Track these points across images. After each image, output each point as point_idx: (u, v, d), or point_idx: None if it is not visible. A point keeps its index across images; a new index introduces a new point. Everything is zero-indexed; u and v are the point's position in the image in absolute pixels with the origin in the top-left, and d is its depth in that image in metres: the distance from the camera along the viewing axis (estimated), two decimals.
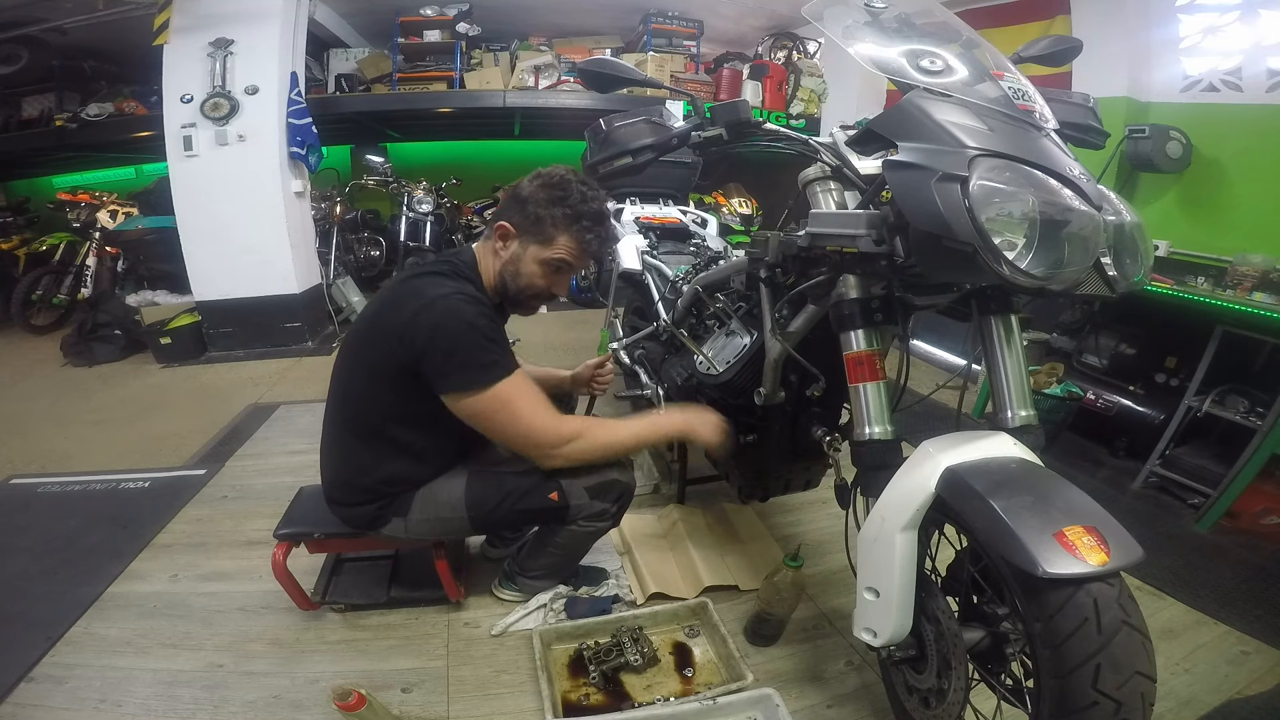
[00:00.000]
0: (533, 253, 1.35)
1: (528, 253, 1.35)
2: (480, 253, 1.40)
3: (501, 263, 1.37)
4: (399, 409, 1.34)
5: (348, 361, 1.40)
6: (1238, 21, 2.55)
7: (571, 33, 5.06)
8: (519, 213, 1.33)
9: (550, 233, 1.33)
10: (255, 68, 3.56)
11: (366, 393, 1.35)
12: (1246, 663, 1.51)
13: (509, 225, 1.34)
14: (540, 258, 1.35)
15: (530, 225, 1.33)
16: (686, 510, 2.05)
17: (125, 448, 2.67)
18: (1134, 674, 0.80)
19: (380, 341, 1.29)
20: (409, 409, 1.33)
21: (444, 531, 1.49)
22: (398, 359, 1.25)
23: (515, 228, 1.34)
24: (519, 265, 1.36)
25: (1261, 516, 2.07)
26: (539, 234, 1.33)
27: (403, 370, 1.26)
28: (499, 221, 1.35)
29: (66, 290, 4.37)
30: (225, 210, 3.71)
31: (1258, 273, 2.23)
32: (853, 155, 1.16)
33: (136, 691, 1.38)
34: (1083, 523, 0.84)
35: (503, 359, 1.28)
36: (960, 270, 0.91)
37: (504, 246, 1.36)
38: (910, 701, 1.17)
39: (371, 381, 1.33)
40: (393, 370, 1.27)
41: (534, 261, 1.35)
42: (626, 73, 1.32)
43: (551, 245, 1.34)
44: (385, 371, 1.29)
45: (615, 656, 1.41)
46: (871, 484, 1.11)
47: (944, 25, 1.21)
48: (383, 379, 1.31)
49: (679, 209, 2.82)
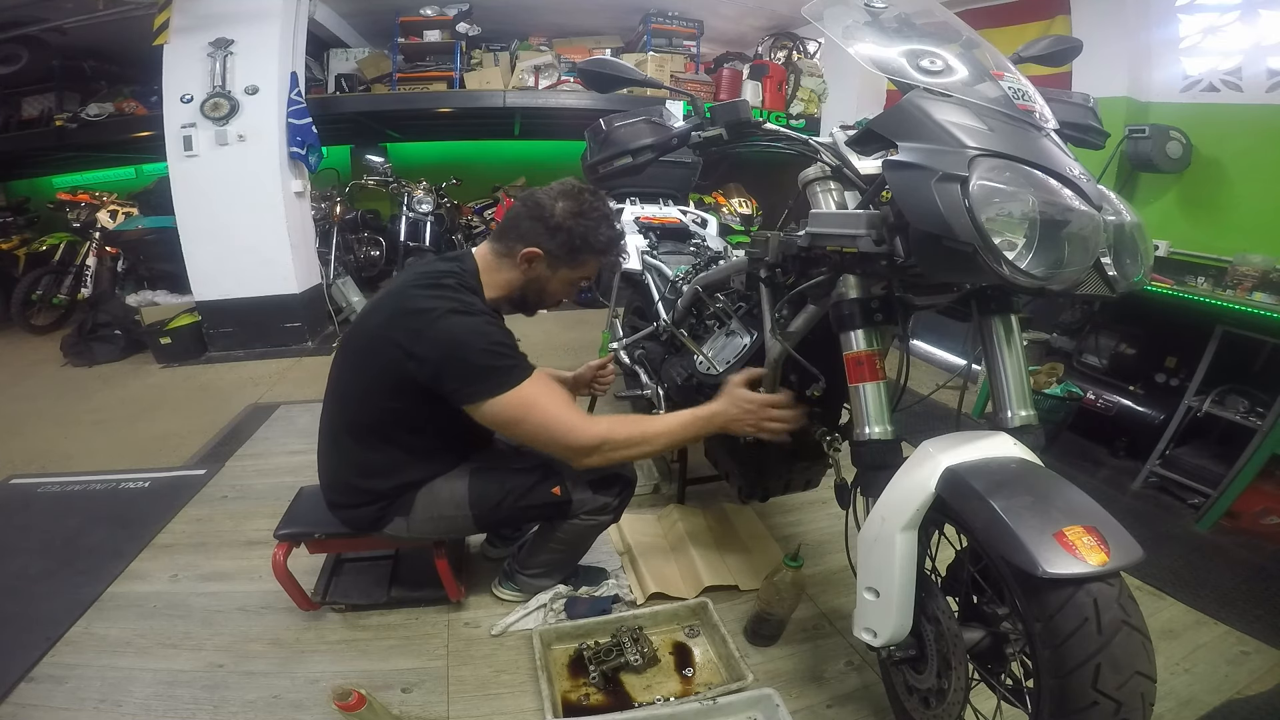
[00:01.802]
0: (563, 275, 1.40)
1: (557, 275, 1.40)
2: (484, 261, 1.39)
3: (525, 281, 1.39)
4: (398, 414, 1.33)
5: (346, 367, 1.39)
6: (1238, 21, 2.55)
7: (571, 33, 5.06)
8: (550, 239, 1.34)
9: (583, 259, 1.39)
10: (255, 68, 3.56)
11: (365, 398, 1.34)
12: (1246, 663, 1.51)
13: (540, 251, 1.35)
14: (570, 279, 1.42)
15: (563, 252, 1.36)
16: (686, 510, 2.05)
17: (125, 448, 2.67)
18: (1134, 674, 0.80)
19: (382, 351, 1.28)
20: (408, 413, 1.33)
21: (447, 530, 1.49)
22: (408, 375, 1.25)
23: (547, 253, 1.35)
24: (546, 285, 1.41)
25: (1261, 516, 2.07)
26: (571, 260, 1.38)
27: (410, 384, 1.26)
28: (530, 248, 1.34)
29: (66, 290, 4.37)
30: (225, 210, 3.71)
31: (1258, 273, 2.23)
32: (853, 155, 1.15)
33: (136, 691, 1.38)
34: (1083, 523, 0.84)
35: (520, 362, 1.28)
36: (960, 270, 0.91)
37: (530, 268, 1.37)
38: (910, 701, 1.17)
39: (371, 388, 1.32)
40: (395, 380, 1.27)
41: (562, 282, 1.42)
42: (626, 73, 1.32)
43: (583, 268, 1.41)
44: (386, 380, 1.29)
45: (615, 656, 1.41)
46: (871, 484, 1.11)
47: (944, 25, 1.21)
48: (383, 386, 1.30)
49: (679, 209, 2.81)
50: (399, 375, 1.26)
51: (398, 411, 1.33)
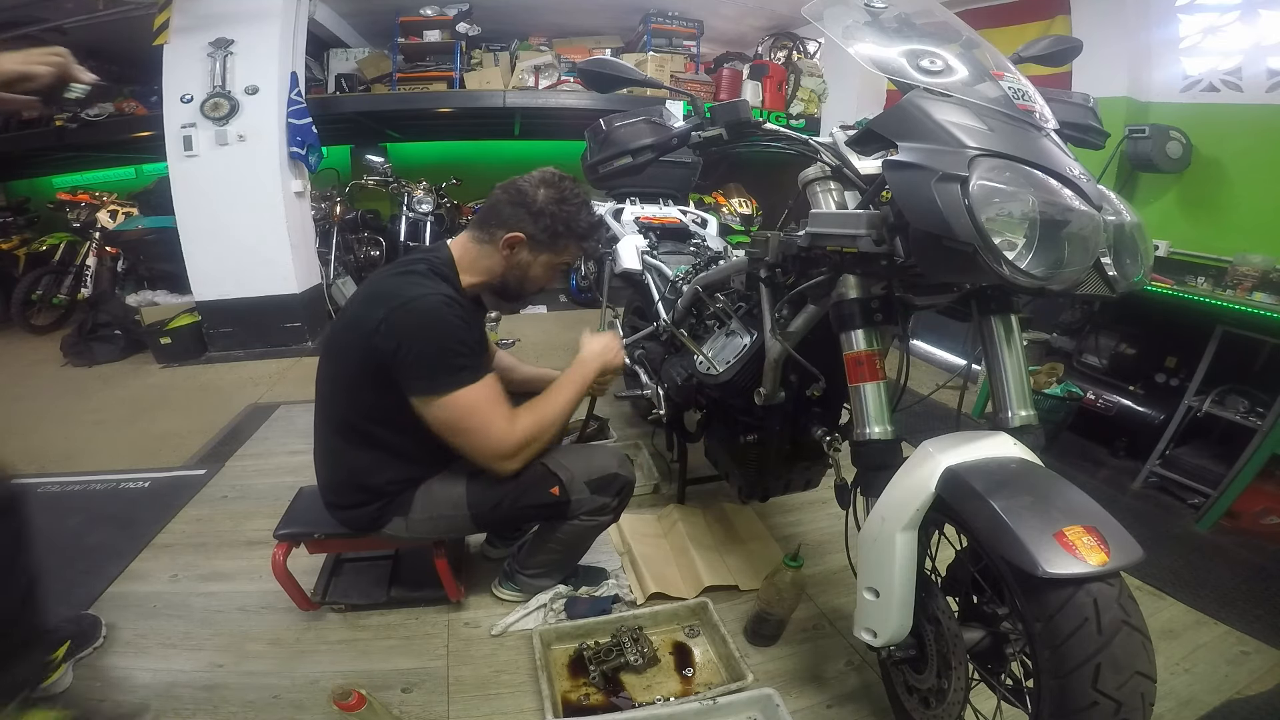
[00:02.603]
0: (544, 260, 1.41)
1: (539, 260, 1.40)
2: (461, 251, 1.40)
3: (506, 266, 1.39)
4: (381, 411, 1.32)
5: (328, 365, 1.39)
6: (1238, 21, 2.55)
7: (571, 33, 5.06)
8: (533, 224, 1.35)
9: (565, 244, 1.40)
10: (255, 68, 3.56)
11: (349, 396, 1.34)
12: (1246, 663, 1.51)
13: (523, 236, 1.36)
14: (552, 264, 1.43)
15: (545, 237, 1.37)
16: (686, 510, 2.05)
17: (125, 448, 2.67)
18: (1134, 674, 0.80)
19: (356, 343, 1.28)
20: (391, 410, 1.31)
21: (446, 530, 1.48)
22: (373, 360, 1.25)
23: (529, 238, 1.36)
24: (528, 270, 1.41)
25: (1261, 516, 2.07)
26: (553, 245, 1.39)
27: (379, 371, 1.25)
28: (513, 233, 1.35)
29: (66, 290, 4.36)
30: (225, 210, 3.71)
31: (1258, 273, 2.23)
32: (853, 155, 1.15)
33: (136, 691, 1.38)
34: (1083, 523, 0.84)
35: (472, 364, 1.27)
36: (960, 270, 0.91)
37: (512, 254, 1.38)
38: (910, 701, 1.17)
39: (352, 384, 1.32)
40: (370, 371, 1.26)
41: (544, 266, 1.43)
42: (626, 73, 1.32)
43: (564, 254, 1.43)
44: (363, 373, 1.28)
45: (615, 656, 1.41)
46: (871, 484, 1.11)
47: (944, 25, 1.21)
48: (362, 381, 1.30)
49: (679, 209, 2.81)
50: (370, 359, 1.25)
51: (378, 409, 1.32)
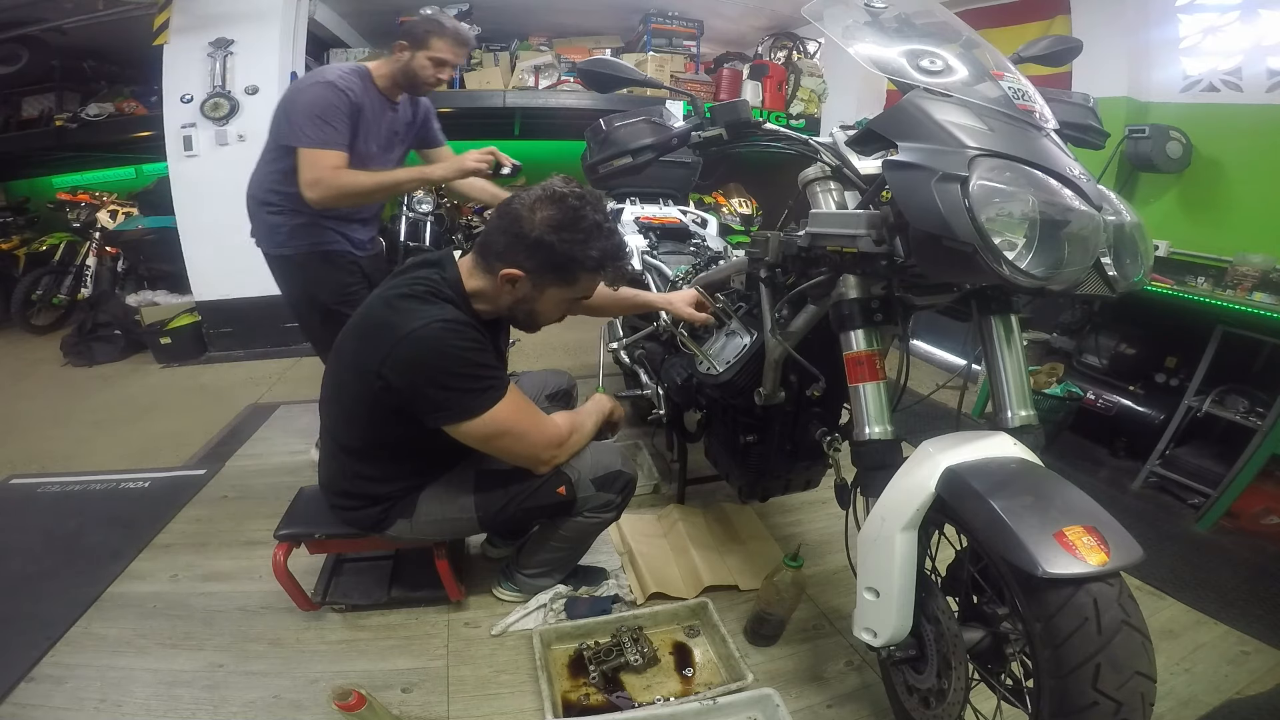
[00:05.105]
0: (553, 295, 1.27)
1: (546, 294, 1.26)
2: (467, 275, 1.27)
3: (513, 300, 1.27)
4: (384, 434, 1.31)
5: (334, 377, 1.37)
6: (1238, 21, 2.54)
7: (571, 33, 5.05)
8: (529, 257, 1.20)
9: (575, 276, 1.24)
10: (255, 68, 3.55)
11: (350, 424, 1.34)
12: (1246, 663, 1.51)
13: (518, 272, 1.21)
14: (563, 299, 1.30)
15: (547, 270, 1.22)
16: (686, 510, 2.05)
17: (125, 448, 2.67)
18: (1134, 674, 0.80)
19: (362, 372, 1.22)
20: (394, 435, 1.30)
21: (451, 531, 1.49)
22: (382, 399, 1.21)
23: (528, 273, 1.21)
24: (535, 305, 1.29)
25: (1261, 516, 2.07)
26: (560, 279, 1.24)
27: (389, 411, 1.23)
28: (506, 270, 1.20)
29: (66, 290, 4.36)
30: (225, 210, 3.66)
31: (1258, 273, 2.23)
32: (853, 155, 1.15)
33: (136, 691, 1.38)
34: (1083, 523, 0.84)
35: (495, 382, 1.24)
36: (960, 270, 0.91)
37: (513, 289, 1.24)
38: (910, 701, 1.17)
39: (355, 406, 1.30)
40: (372, 401, 1.23)
41: (553, 302, 1.29)
42: (626, 73, 1.32)
43: (575, 287, 1.28)
44: (365, 401, 1.25)
45: (615, 656, 1.41)
46: (871, 484, 1.11)
47: (944, 25, 1.21)
48: (364, 408, 1.28)
49: (679, 209, 2.81)
50: (376, 401, 1.22)
51: (381, 433, 1.31)
